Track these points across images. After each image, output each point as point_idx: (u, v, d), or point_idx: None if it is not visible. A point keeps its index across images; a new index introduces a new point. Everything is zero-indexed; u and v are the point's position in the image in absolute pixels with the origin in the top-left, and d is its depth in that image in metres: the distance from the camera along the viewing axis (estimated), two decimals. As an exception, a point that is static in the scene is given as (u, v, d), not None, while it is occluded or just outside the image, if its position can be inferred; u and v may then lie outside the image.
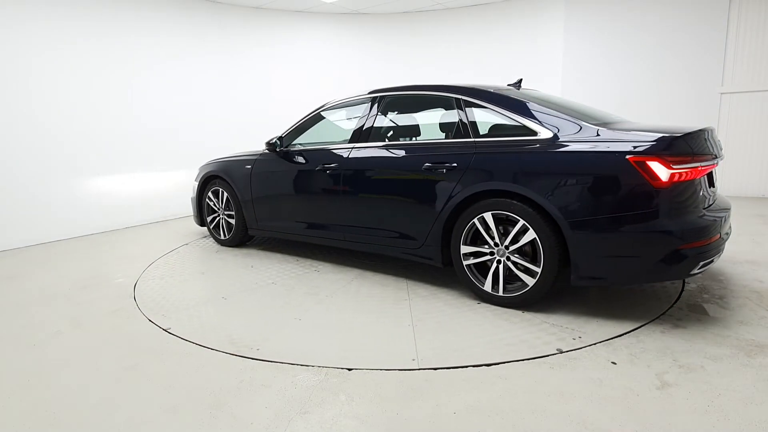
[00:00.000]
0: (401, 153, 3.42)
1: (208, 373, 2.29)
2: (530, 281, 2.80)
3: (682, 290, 3.13)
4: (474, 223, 2.96)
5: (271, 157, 4.21)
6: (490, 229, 2.91)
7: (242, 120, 7.44)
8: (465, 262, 3.05)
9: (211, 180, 4.76)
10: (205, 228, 5.07)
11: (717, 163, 2.75)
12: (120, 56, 6.00)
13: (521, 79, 3.73)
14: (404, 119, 3.93)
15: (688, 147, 2.53)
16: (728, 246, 4.00)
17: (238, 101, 7.42)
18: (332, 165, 3.69)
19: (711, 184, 2.87)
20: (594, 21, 7.26)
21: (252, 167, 4.32)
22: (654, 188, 2.44)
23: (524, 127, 2.91)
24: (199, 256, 4.47)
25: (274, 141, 4.17)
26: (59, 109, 5.46)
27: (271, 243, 4.84)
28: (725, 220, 2.78)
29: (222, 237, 4.77)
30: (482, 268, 3.04)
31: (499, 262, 2.91)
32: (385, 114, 3.76)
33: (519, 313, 2.88)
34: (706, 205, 2.68)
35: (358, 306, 3.09)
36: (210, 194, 4.78)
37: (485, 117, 3.12)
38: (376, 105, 3.68)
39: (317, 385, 2.13)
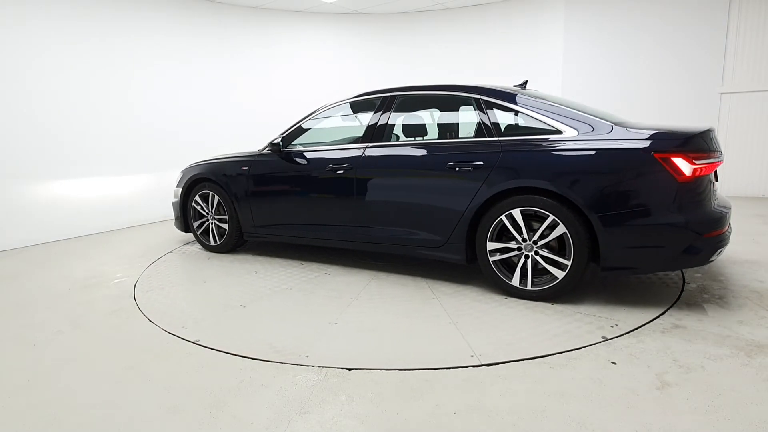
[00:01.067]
0: (422, 152, 3.40)
1: (208, 373, 2.29)
2: (560, 274, 2.90)
3: (682, 290, 3.14)
4: (501, 220, 3.02)
5: (272, 157, 4.06)
6: (518, 225, 2.98)
7: (242, 120, 7.44)
8: (491, 259, 3.11)
9: (198, 183, 4.50)
10: (186, 233, 4.80)
11: (722, 160, 2.86)
12: (120, 56, 6.00)
13: (527, 81, 3.78)
14: (420, 118, 3.87)
15: (705, 144, 2.71)
16: (728, 246, 4.02)
17: (237, 101, 7.42)
18: (345, 165, 3.60)
19: (716, 179, 3.06)
20: (594, 21, 7.26)
21: (249, 169, 4.15)
22: (679, 182, 2.62)
23: (547, 125, 3.01)
24: (192, 264, 4.23)
25: (277, 141, 4.03)
26: (59, 109, 5.46)
27: (264, 248, 4.66)
28: (729, 215, 2.94)
29: (212, 243, 4.53)
30: (507, 264, 3.12)
31: (526, 257, 2.99)
32: (399, 113, 3.70)
33: (549, 305, 2.96)
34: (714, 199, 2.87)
35: (388, 307, 3.05)
36: (197, 198, 4.50)
37: (507, 116, 3.22)
38: (389, 104, 3.63)
39: (317, 385, 2.13)
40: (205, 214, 4.53)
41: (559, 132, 2.96)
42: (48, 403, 2.09)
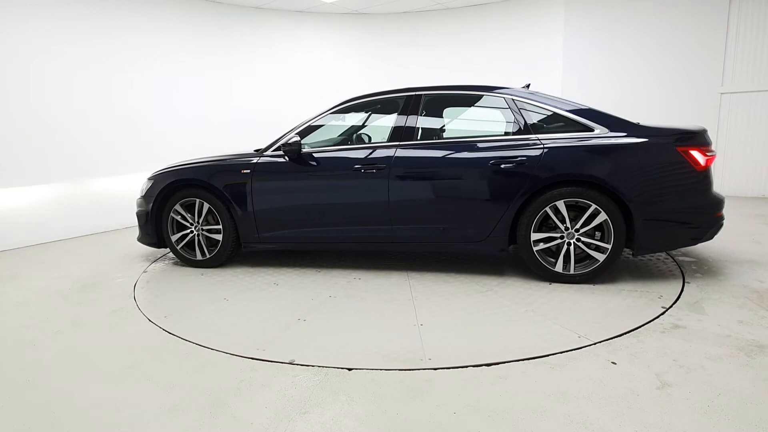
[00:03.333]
0: (463, 150, 3.46)
1: (208, 373, 2.29)
2: (600, 257, 3.22)
3: (682, 290, 3.14)
4: (545, 211, 3.25)
5: (279, 159, 3.75)
6: (561, 214, 3.24)
7: (242, 120, 7.43)
8: (536, 248, 3.31)
9: (179, 190, 3.95)
10: (158, 248, 4.16)
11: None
12: (120, 57, 6.00)
13: (529, 84, 3.89)
14: (451, 117, 3.88)
15: (708, 139, 3.20)
16: (728, 246, 4.12)
17: (237, 101, 7.42)
18: (378, 165, 3.50)
19: None
20: (594, 21, 7.26)
21: (252, 172, 3.79)
22: (697, 171, 3.10)
23: (579, 124, 3.31)
24: (190, 281, 3.69)
25: (294, 140, 3.65)
26: (59, 108, 5.46)
27: (257, 259, 4.19)
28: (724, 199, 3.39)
29: (199, 257, 4.00)
30: (546, 252, 3.36)
31: (569, 244, 3.27)
32: (428, 112, 3.71)
33: (591, 286, 3.25)
34: None
35: (453, 304, 3.06)
36: (178, 207, 3.96)
37: (541, 115, 3.44)
38: (416, 103, 3.62)
39: (317, 385, 2.13)
40: (188, 224, 4.00)
41: (591, 129, 3.26)
42: (48, 403, 2.09)
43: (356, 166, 3.57)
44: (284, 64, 7.85)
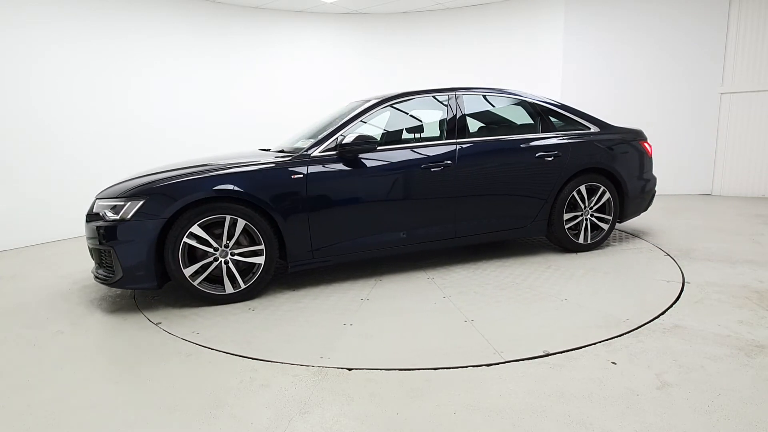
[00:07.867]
0: (515, 145, 3.86)
1: (208, 373, 2.29)
2: (605, 227, 4.12)
3: (682, 290, 3.14)
4: (573, 195, 3.95)
5: (334, 159, 3.33)
6: (581, 195, 3.99)
7: (242, 120, 7.43)
8: (566, 226, 3.99)
9: (193, 206, 3.01)
10: (154, 288, 3.06)
11: None
12: (121, 57, 5.99)
13: (502, 89, 4.21)
14: (489, 116, 4.14)
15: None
16: (728, 246, 4.18)
17: (237, 101, 7.41)
18: (445, 162, 3.56)
19: None
20: (594, 21, 7.26)
21: (306, 175, 3.23)
22: (650, 157, 4.35)
23: (579, 123, 4.11)
24: (259, 319, 2.89)
25: (364, 138, 3.28)
26: (60, 108, 5.46)
27: (285, 283, 3.52)
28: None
29: (230, 290, 3.13)
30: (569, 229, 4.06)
31: (586, 219, 4.07)
32: (470, 111, 3.89)
33: (603, 250, 4.17)
34: None
35: (563, 282, 3.40)
36: (195, 229, 3.00)
37: (552, 116, 4.09)
38: (460, 102, 3.82)
39: (317, 385, 2.13)
40: (212, 250, 3.09)
41: (588, 128, 4.09)
42: (48, 403, 2.09)
43: (423, 165, 3.54)
44: (284, 64, 7.84)
